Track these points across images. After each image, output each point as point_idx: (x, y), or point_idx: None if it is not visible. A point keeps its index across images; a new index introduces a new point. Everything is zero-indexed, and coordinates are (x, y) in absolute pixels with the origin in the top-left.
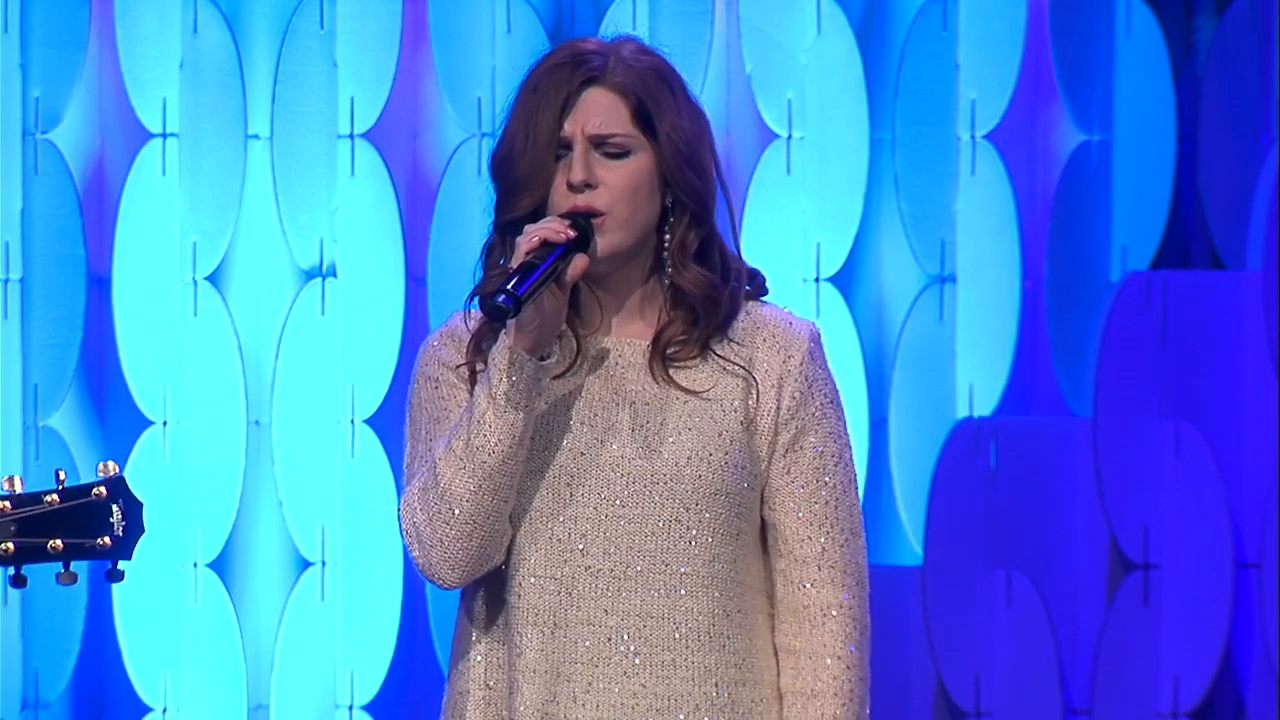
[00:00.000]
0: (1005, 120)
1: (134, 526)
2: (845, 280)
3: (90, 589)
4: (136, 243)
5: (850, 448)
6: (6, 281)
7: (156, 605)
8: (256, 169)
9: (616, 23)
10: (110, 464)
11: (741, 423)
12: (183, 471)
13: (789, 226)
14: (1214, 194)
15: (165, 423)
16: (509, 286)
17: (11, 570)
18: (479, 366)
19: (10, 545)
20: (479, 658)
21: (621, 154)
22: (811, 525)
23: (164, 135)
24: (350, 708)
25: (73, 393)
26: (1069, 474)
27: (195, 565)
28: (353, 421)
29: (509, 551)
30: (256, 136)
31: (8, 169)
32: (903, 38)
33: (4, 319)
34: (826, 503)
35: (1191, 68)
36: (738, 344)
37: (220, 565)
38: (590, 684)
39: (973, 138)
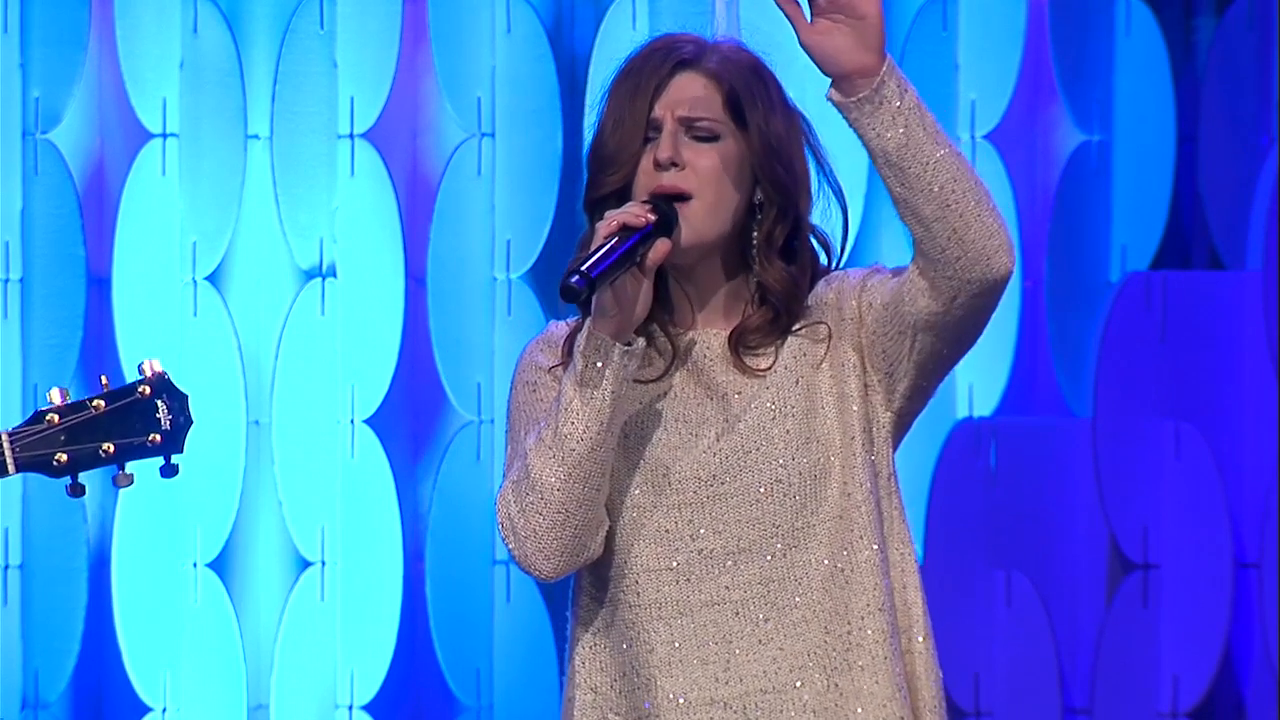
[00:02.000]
0: (1005, 120)
1: (180, 420)
2: None
3: (90, 589)
4: (136, 243)
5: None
6: (6, 281)
7: (156, 605)
8: (256, 169)
9: (616, 23)
10: (153, 362)
11: (831, 376)
12: (183, 471)
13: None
14: (1214, 194)
15: None
16: (583, 267)
17: (68, 480)
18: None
19: (63, 455)
20: (583, 663)
21: (710, 138)
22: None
23: (164, 135)
24: (350, 708)
25: (72, 393)
26: (1069, 474)
27: (195, 565)
28: (353, 421)
29: (615, 549)
30: (256, 136)
31: (8, 169)
32: (903, 38)
33: (4, 319)
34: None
35: (1191, 68)
36: (809, 317)
37: (220, 565)
38: (729, 661)
39: (973, 138)
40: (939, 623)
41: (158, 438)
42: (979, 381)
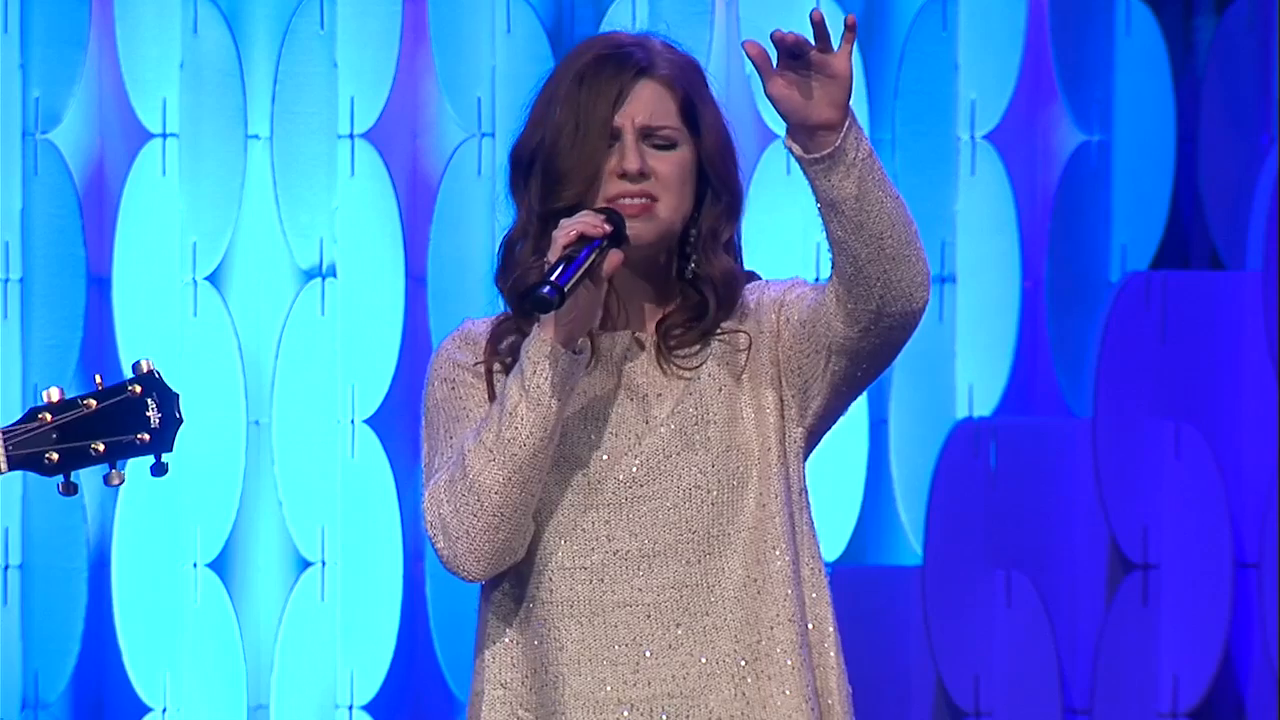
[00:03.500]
0: (1005, 120)
1: (170, 418)
2: None
3: (90, 589)
4: (136, 243)
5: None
6: (6, 281)
7: (156, 605)
8: (256, 169)
9: (617, 23)
10: (144, 361)
11: (751, 387)
12: (183, 471)
13: (788, 226)
14: (1214, 194)
15: None
16: (553, 278)
17: (60, 478)
18: (496, 365)
19: (54, 454)
20: (493, 657)
21: (669, 145)
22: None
23: (164, 135)
24: (350, 708)
25: (72, 393)
26: (1069, 474)
27: (195, 565)
28: (353, 421)
29: (534, 547)
30: (256, 136)
31: (8, 169)
32: (903, 38)
33: (4, 319)
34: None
35: (1191, 68)
36: (731, 322)
37: (220, 565)
38: (638, 664)
39: (973, 138)
40: (939, 623)
41: (146, 436)
42: (979, 381)
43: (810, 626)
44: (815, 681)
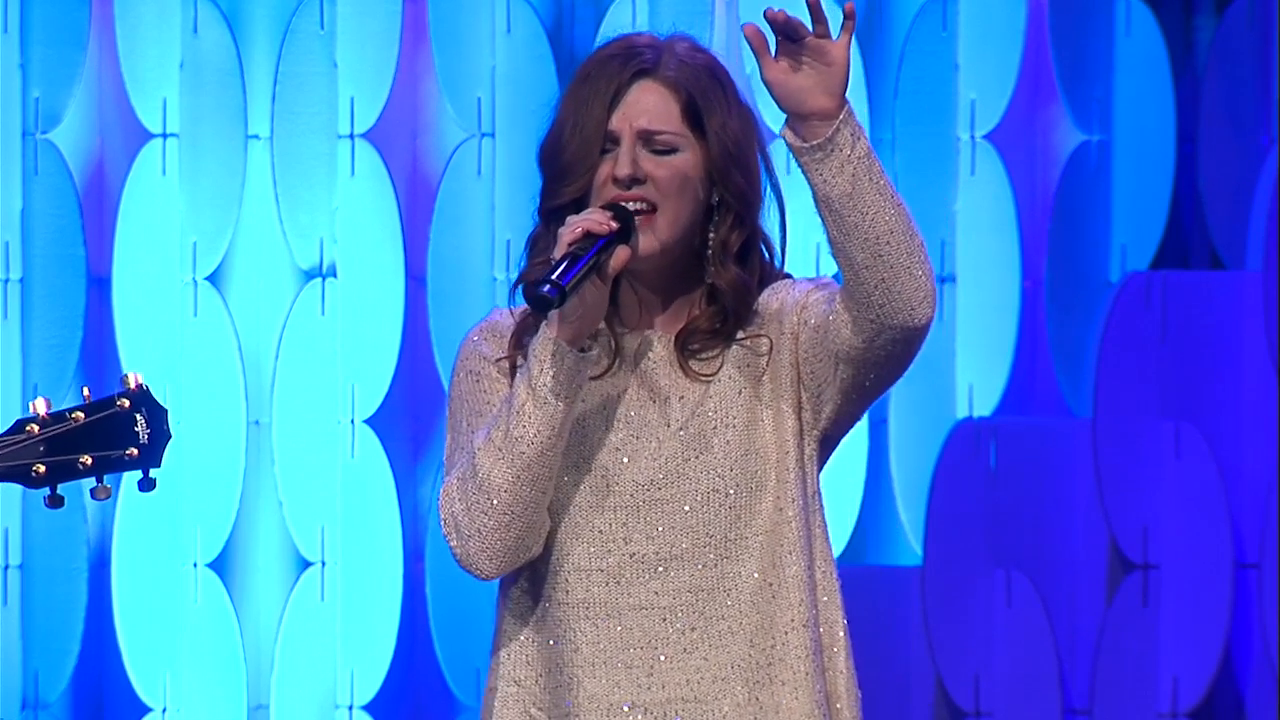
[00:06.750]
0: (1005, 120)
1: (159, 433)
2: None
3: (90, 589)
4: (136, 243)
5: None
6: (6, 281)
7: (156, 605)
8: (256, 169)
9: (617, 23)
10: (133, 375)
11: (771, 390)
12: (183, 471)
13: (789, 226)
14: (1214, 194)
15: None
16: (554, 276)
17: (47, 491)
18: (519, 360)
19: (42, 466)
20: (508, 655)
21: (669, 150)
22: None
23: (164, 135)
24: (350, 708)
25: (72, 393)
26: (1069, 474)
27: (195, 565)
28: (353, 421)
29: (551, 547)
30: (256, 136)
31: (8, 169)
32: (903, 38)
33: (4, 319)
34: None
35: (1191, 68)
36: (753, 326)
37: (220, 565)
38: (652, 667)
39: (972, 138)
40: (939, 623)
41: (135, 451)
42: (979, 381)
43: (822, 631)
44: (826, 686)
